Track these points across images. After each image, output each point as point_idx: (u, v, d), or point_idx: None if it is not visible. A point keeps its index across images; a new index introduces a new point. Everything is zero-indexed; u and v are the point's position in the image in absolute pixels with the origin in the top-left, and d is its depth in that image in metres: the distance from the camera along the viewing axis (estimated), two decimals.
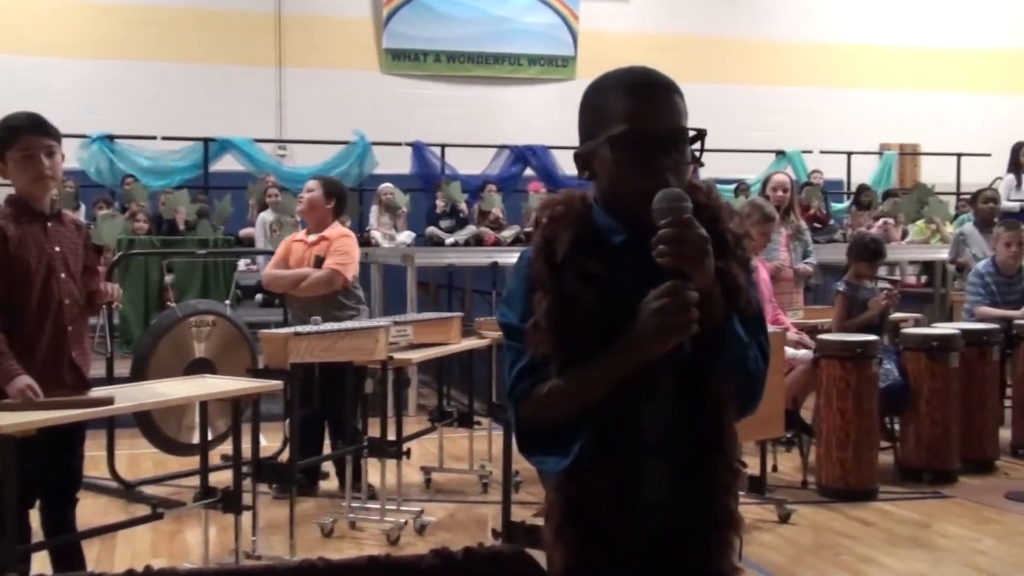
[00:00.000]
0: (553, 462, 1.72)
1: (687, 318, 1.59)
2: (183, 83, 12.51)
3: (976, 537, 4.96)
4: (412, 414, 7.70)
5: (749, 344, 1.73)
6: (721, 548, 1.75)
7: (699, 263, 1.61)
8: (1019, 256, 6.85)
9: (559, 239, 1.73)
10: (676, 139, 1.72)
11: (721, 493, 1.74)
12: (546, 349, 1.71)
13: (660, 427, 1.73)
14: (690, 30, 14.25)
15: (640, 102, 1.72)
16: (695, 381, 1.72)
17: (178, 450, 5.67)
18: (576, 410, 1.70)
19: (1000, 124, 13.99)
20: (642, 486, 1.72)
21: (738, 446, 1.81)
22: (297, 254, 5.68)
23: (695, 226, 1.61)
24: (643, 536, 1.73)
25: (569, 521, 1.72)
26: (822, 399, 5.68)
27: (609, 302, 1.68)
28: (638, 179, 1.69)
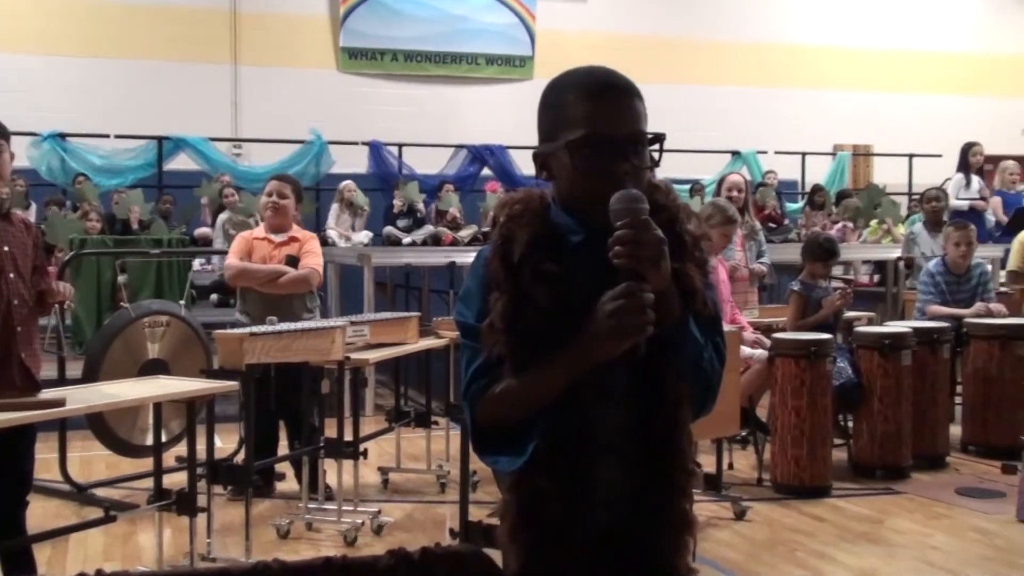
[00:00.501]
0: (507, 461, 1.71)
1: (642, 319, 1.58)
2: (137, 81, 12.36)
3: (927, 532, 5.03)
4: (369, 414, 7.68)
5: (705, 345, 1.72)
6: (675, 549, 1.75)
7: (655, 264, 1.60)
8: (968, 255, 6.95)
9: (516, 238, 1.72)
10: (634, 143, 1.71)
11: (675, 494, 1.74)
12: (501, 349, 1.70)
13: (614, 428, 1.73)
14: (646, 30, 14.31)
15: (599, 106, 1.70)
16: (650, 382, 1.71)
17: (131, 452, 5.61)
18: (531, 410, 1.69)
19: (951, 125, 14.21)
20: (596, 487, 1.72)
21: (693, 447, 1.81)
22: (261, 252, 5.61)
23: (651, 227, 1.61)
24: (597, 536, 1.73)
25: (523, 521, 1.71)
26: (777, 397, 5.73)
27: (565, 302, 1.67)
28: (595, 183, 1.68)
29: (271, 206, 5.64)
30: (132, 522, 4.95)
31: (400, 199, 10.19)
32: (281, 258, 5.56)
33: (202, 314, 7.57)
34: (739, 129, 13.77)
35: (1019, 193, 10.01)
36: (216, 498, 4.81)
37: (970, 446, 6.62)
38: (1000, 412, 6.50)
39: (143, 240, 8.84)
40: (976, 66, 15.94)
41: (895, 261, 9.86)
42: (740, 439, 6.56)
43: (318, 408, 5.31)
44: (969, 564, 4.56)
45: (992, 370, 6.52)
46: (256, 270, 5.54)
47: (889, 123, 15.09)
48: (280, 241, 5.62)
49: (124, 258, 6.84)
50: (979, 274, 7.00)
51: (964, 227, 7.07)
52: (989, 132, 14.15)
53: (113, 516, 4.02)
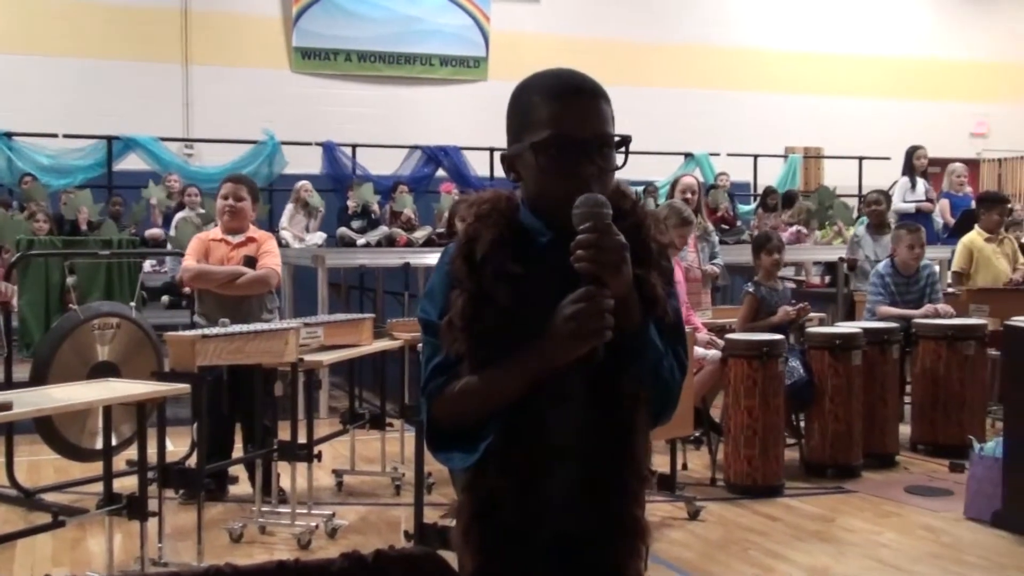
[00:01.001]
0: (459, 459, 1.72)
1: (601, 324, 1.58)
2: (86, 79, 12.18)
3: (878, 530, 5.09)
4: (323, 416, 7.64)
5: (665, 353, 1.73)
6: (627, 555, 1.75)
7: (616, 269, 1.60)
8: (920, 257, 7.06)
9: (481, 238, 1.72)
10: (600, 145, 1.71)
11: (628, 500, 1.74)
12: (460, 348, 1.70)
13: (569, 431, 1.73)
14: (599, 32, 14.36)
15: (565, 107, 1.71)
16: (607, 387, 1.71)
17: (81, 456, 5.52)
18: (487, 410, 1.69)
19: (900, 129, 14.41)
20: (549, 489, 1.72)
21: (649, 454, 1.81)
22: (218, 254, 5.56)
23: (613, 232, 1.61)
24: (549, 539, 1.73)
25: (476, 522, 1.71)
26: (730, 397, 5.78)
27: (527, 303, 1.67)
28: (561, 184, 1.68)
29: (227, 210, 5.58)
30: (81, 527, 4.88)
31: (354, 200, 10.14)
32: (239, 259, 5.52)
33: (153, 316, 7.48)
34: (692, 131, 13.85)
35: (966, 195, 10.19)
36: (168, 502, 4.76)
37: (919, 445, 6.72)
38: (948, 412, 6.60)
39: (92, 241, 8.72)
40: (924, 70, 16.18)
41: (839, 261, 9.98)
42: (694, 439, 6.60)
43: (271, 410, 5.27)
44: (918, 561, 4.63)
45: (940, 370, 6.62)
46: (214, 272, 5.49)
47: (839, 126, 15.26)
48: (237, 242, 5.57)
49: (73, 259, 6.75)
50: (927, 275, 7.10)
51: (916, 229, 7.18)
52: (937, 135, 14.39)
53: (62, 521, 3.96)
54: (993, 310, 7.10)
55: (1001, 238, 7.92)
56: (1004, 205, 8.24)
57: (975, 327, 6.74)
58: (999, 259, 7.82)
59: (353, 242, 9.74)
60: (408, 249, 9.41)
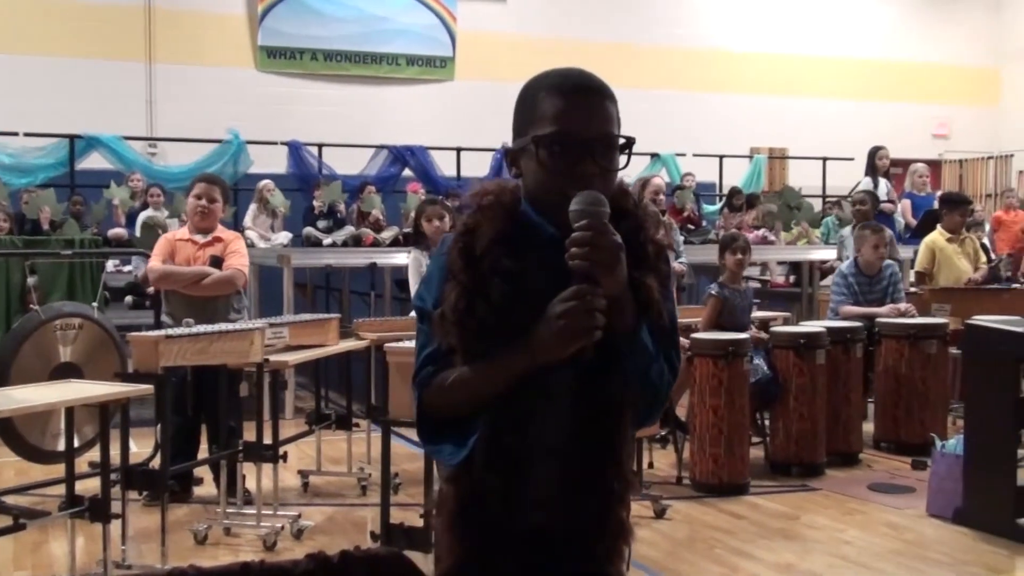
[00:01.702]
0: (449, 453, 1.72)
1: (590, 324, 1.58)
2: (48, 77, 12.03)
3: (841, 528, 5.14)
4: (289, 417, 7.60)
5: (656, 357, 1.72)
6: (609, 556, 1.75)
7: (609, 269, 1.59)
8: (884, 257, 7.13)
9: (480, 231, 1.71)
10: (604, 145, 1.71)
11: (612, 501, 1.73)
12: (451, 340, 1.70)
13: (555, 429, 1.72)
14: (565, 33, 14.37)
15: (570, 104, 1.70)
16: (594, 387, 1.71)
17: (42, 458, 5.47)
18: (475, 403, 1.70)
19: (863, 130, 14.55)
20: (533, 486, 1.72)
21: (633, 456, 1.81)
22: (185, 253, 5.51)
23: (609, 232, 1.60)
24: (532, 536, 1.73)
25: (460, 515, 1.71)
26: (695, 397, 5.81)
27: (521, 298, 1.67)
28: (561, 182, 1.67)
29: (200, 210, 5.53)
30: (43, 530, 4.83)
31: (320, 200, 10.09)
32: (205, 259, 5.48)
33: (116, 316, 7.41)
34: (658, 131, 13.85)
35: (929, 195, 10.29)
36: (131, 504, 4.71)
37: (882, 443, 6.78)
38: (910, 410, 6.67)
39: (54, 241, 8.62)
40: (887, 72, 16.34)
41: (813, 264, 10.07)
42: (660, 438, 6.63)
43: (236, 411, 5.24)
44: (880, 558, 4.67)
45: (902, 369, 6.69)
46: (180, 273, 5.44)
47: (804, 127, 15.38)
48: (204, 242, 5.53)
49: (34, 259, 6.68)
50: (890, 275, 7.16)
51: (880, 229, 7.25)
52: (899, 136, 14.55)
53: (23, 524, 3.92)
54: (954, 309, 7.18)
55: (963, 238, 8.01)
56: (966, 206, 8.33)
57: (937, 326, 6.81)
58: (960, 259, 7.90)
59: (319, 242, 9.69)
60: (375, 249, 9.38)
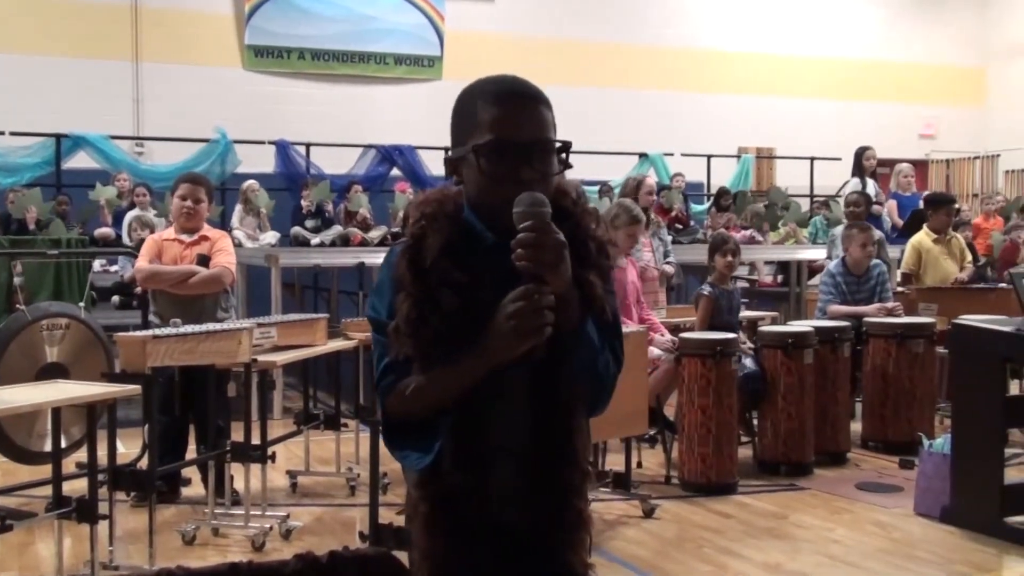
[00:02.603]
0: (415, 459, 1.76)
1: (540, 322, 1.62)
2: (34, 76, 11.98)
3: (829, 527, 5.15)
4: (277, 417, 7.58)
5: (601, 349, 1.77)
6: (570, 547, 1.79)
7: (554, 267, 1.64)
8: (872, 256, 7.16)
9: (428, 242, 1.75)
10: (540, 150, 1.75)
11: (570, 493, 1.78)
12: (407, 351, 1.74)
13: (512, 428, 1.77)
14: (555, 33, 14.38)
15: (506, 112, 1.74)
16: (547, 384, 1.75)
17: (29, 459, 5.45)
18: (435, 408, 1.74)
19: (850, 130, 14.60)
20: (497, 485, 1.76)
21: (589, 447, 1.86)
22: (172, 253, 5.50)
23: (552, 231, 1.64)
24: (498, 533, 1.77)
25: (432, 518, 1.75)
26: (684, 396, 5.81)
27: (471, 304, 1.71)
28: (501, 188, 1.71)
29: (185, 211, 5.52)
30: (30, 531, 4.80)
31: (308, 199, 10.07)
32: (192, 258, 5.47)
33: (103, 316, 7.37)
34: (646, 131, 13.91)
35: (914, 195, 10.32)
36: (119, 505, 4.70)
37: (870, 442, 6.80)
38: (898, 409, 6.69)
39: (40, 240, 8.58)
40: (875, 72, 16.39)
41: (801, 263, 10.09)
42: (648, 438, 6.64)
43: (224, 411, 5.22)
44: (868, 557, 4.68)
45: (890, 368, 6.71)
46: (166, 272, 5.44)
47: (791, 127, 15.42)
48: (191, 241, 5.52)
49: (20, 259, 6.65)
50: (877, 274, 7.19)
51: (868, 229, 7.28)
52: (886, 136, 14.60)
53: (9, 525, 3.89)
54: (941, 309, 7.21)
55: (949, 238, 8.04)
56: (951, 205, 8.36)
57: (924, 326, 6.84)
58: (946, 259, 7.93)
59: (307, 241, 9.67)
60: (363, 249, 9.36)
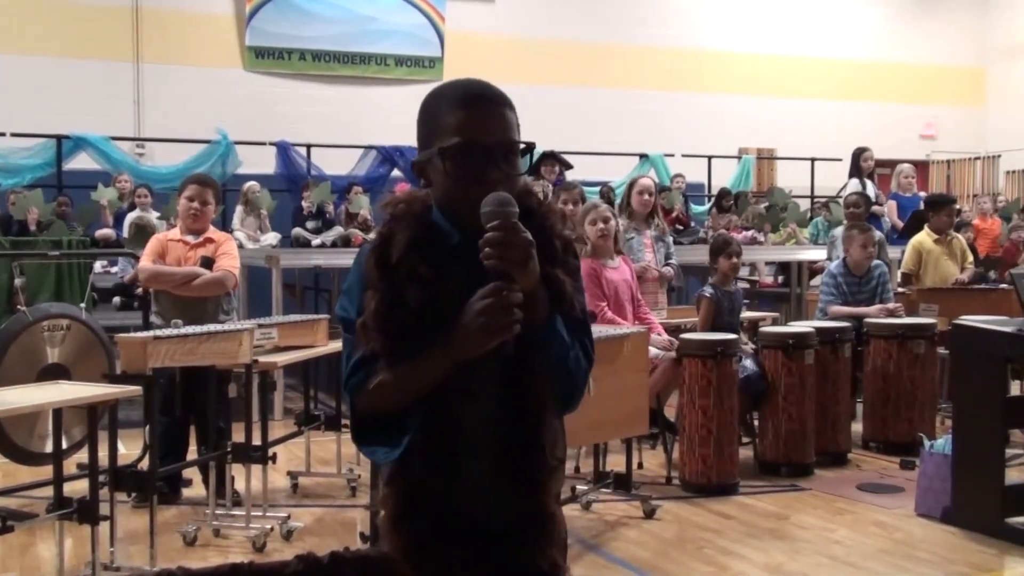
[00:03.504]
0: (383, 453, 1.78)
1: (509, 319, 1.65)
2: (35, 77, 11.98)
3: (831, 527, 5.15)
4: (278, 418, 7.59)
5: (571, 345, 1.79)
6: (538, 544, 1.79)
7: (522, 265, 1.67)
8: (873, 256, 7.16)
9: (395, 240, 1.78)
10: (505, 152, 1.79)
11: (538, 490, 1.79)
12: (375, 347, 1.76)
13: (481, 425, 1.79)
14: (555, 33, 14.38)
15: (471, 115, 1.78)
16: (517, 381, 1.77)
17: (30, 460, 5.45)
18: (403, 404, 1.76)
19: (851, 130, 14.60)
20: (465, 482, 1.78)
21: (561, 445, 1.87)
22: (176, 254, 5.50)
23: (520, 230, 1.67)
24: (467, 531, 1.78)
25: (399, 515, 1.76)
26: (685, 397, 5.81)
27: (438, 302, 1.74)
28: (468, 189, 1.75)
29: (193, 213, 5.51)
30: (31, 532, 4.81)
31: (309, 200, 10.08)
32: (196, 260, 5.47)
33: (104, 317, 7.38)
34: (646, 132, 13.90)
35: (915, 196, 10.31)
36: (120, 506, 4.70)
37: (871, 443, 6.80)
38: (898, 410, 6.69)
39: (41, 241, 8.58)
40: (875, 73, 16.38)
41: (802, 264, 10.08)
42: (649, 438, 6.63)
43: (225, 412, 5.22)
44: (869, 557, 4.68)
45: (891, 369, 6.71)
46: (170, 273, 5.44)
47: (791, 127, 15.41)
48: (195, 243, 5.52)
49: (21, 260, 6.65)
50: (878, 275, 7.19)
51: (868, 229, 7.29)
52: (887, 137, 14.59)
53: (11, 526, 3.89)
54: (942, 309, 7.21)
55: (949, 239, 8.03)
56: (952, 206, 8.36)
57: (925, 326, 6.84)
58: (947, 260, 7.93)
59: (308, 242, 9.68)
60: None
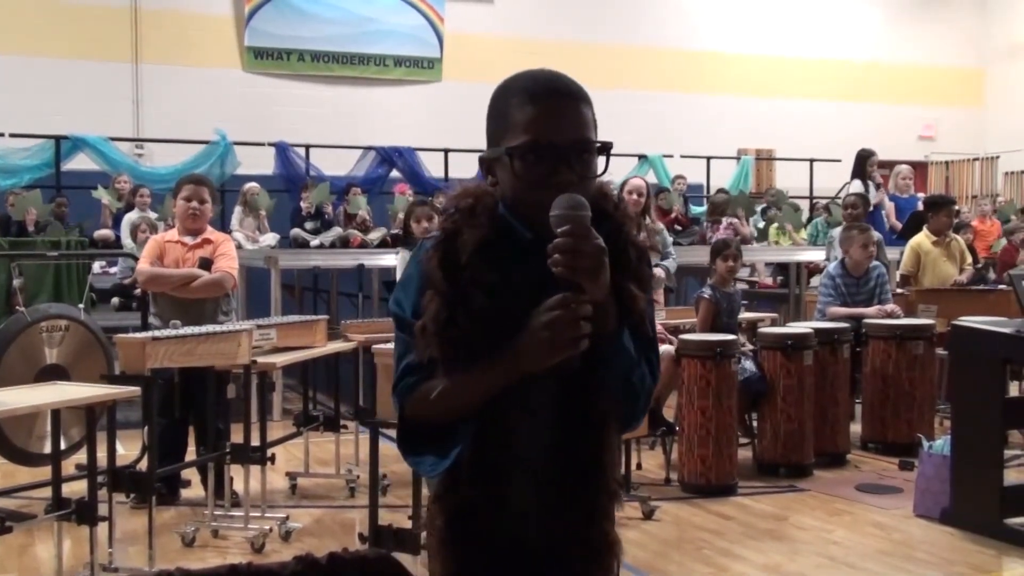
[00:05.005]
0: (430, 464, 1.67)
1: (575, 334, 1.53)
2: (33, 78, 11.98)
3: (829, 528, 5.15)
4: (277, 419, 7.57)
5: (638, 362, 1.68)
6: (595, 570, 1.71)
7: (593, 275, 1.55)
8: (872, 256, 7.16)
9: (461, 238, 1.65)
10: (578, 151, 1.66)
11: (598, 516, 1.69)
12: (432, 352, 1.65)
13: (538, 443, 1.68)
14: (553, 34, 14.39)
15: (541, 112, 1.65)
16: (579, 398, 1.66)
17: (28, 460, 5.44)
18: (457, 414, 1.65)
19: (850, 131, 14.61)
20: (518, 501, 1.68)
21: (618, 465, 1.77)
22: (174, 255, 5.48)
23: (592, 236, 1.55)
24: (520, 551, 1.69)
25: (449, 531, 1.68)
26: (684, 397, 5.81)
27: (503, 307, 1.61)
28: (538, 191, 1.62)
29: (191, 213, 5.50)
30: (29, 533, 4.80)
31: (308, 201, 10.07)
32: (194, 261, 5.46)
33: (103, 318, 7.37)
34: (646, 133, 13.90)
35: (912, 197, 10.31)
36: (118, 506, 4.69)
37: (869, 443, 6.79)
38: (897, 410, 6.69)
39: (40, 242, 8.58)
40: (874, 74, 16.40)
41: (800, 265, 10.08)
42: (649, 438, 6.63)
43: (224, 413, 5.22)
44: (868, 558, 4.68)
45: (889, 369, 6.70)
46: (168, 275, 5.43)
47: (790, 128, 15.43)
48: (193, 244, 5.51)
49: (20, 260, 6.65)
50: (877, 276, 7.18)
51: (867, 229, 7.29)
52: (886, 138, 14.59)
53: (9, 527, 3.89)
54: (941, 310, 7.21)
55: (948, 240, 8.03)
56: (952, 207, 8.36)
57: (924, 327, 6.84)
58: (945, 262, 7.92)
59: (306, 243, 9.67)
60: (362, 250, 9.36)
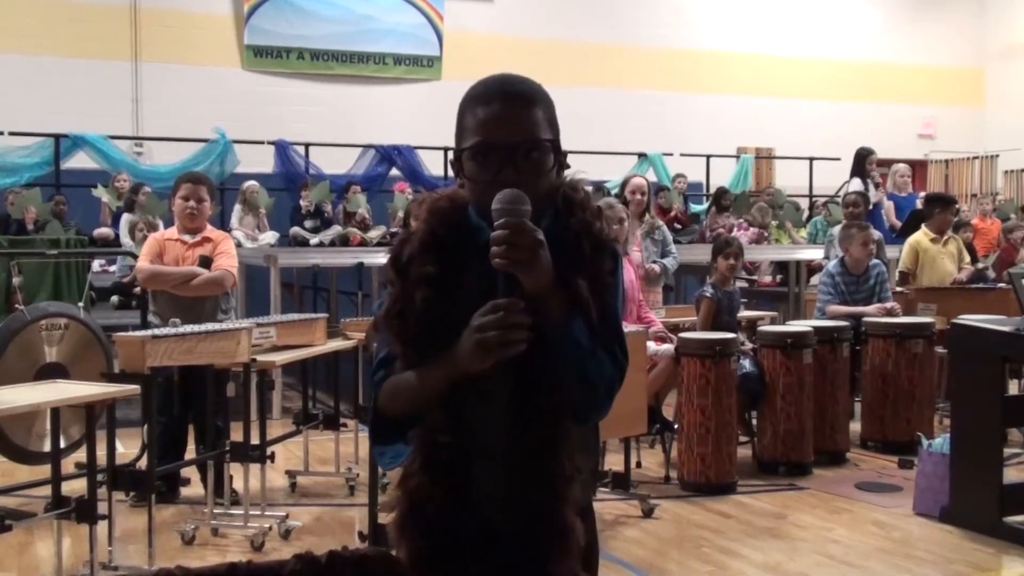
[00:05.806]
0: (389, 457, 1.77)
1: (507, 338, 1.59)
2: (33, 76, 11.97)
3: (829, 527, 5.15)
4: (276, 417, 7.58)
5: (592, 352, 1.69)
6: (553, 554, 1.71)
7: (528, 266, 1.60)
8: (872, 254, 7.17)
9: (412, 238, 1.76)
10: (526, 151, 1.71)
11: (554, 500, 1.70)
12: (391, 346, 1.75)
13: (494, 431, 1.72)
14: (554, 33, 14.39)
15: (488, 115, 1.72)
16: (530, 386, 1.69)
17: (28, 459, 5.44)
18: (417, 406, 1.72)
19: (849, 130, 14.61)
20: (476, 487, 1.72)
21: (586, 454, 1.78)
22: (174, 253, 5.48)
23: (528, 229, 1.60)
24: (479, 536, 1.72)
25: (408, 517, 1.72)
26: (683, 396, 5.81)
27: (453, 303, 1.69)
28: (488, 190, 1.68)
29: (189, 211, 5.49)
30: (29, 531, 4.80)
31: (308, 199, 10.08)
32: (194, 259, 5.46)
33: (102, 316, 7.37)
34: (645, 131, 13.91)
35: (911, 195, 10.32)
36: (118, 505, 4.69)
37: (869, 442, 6.80)
38: (897, 409, 6.70)
39: (39, 240, 8.58)
40: (873, 73, 16.39)
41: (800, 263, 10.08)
42: (649, 436, 6.63)
43: (223, 411, 5.22)
44: (868, 556, 4.69)
45: (889, 368, 6.71)
46: (168, 273, 5.42)
47: (790, 127, 15.43)
48: (193, 242, 5.50)
49: (19, 259, 6.65)
50: (876, 274, 7.19)
51: (866, 227, 7.30)
52: (885, 137, 14.60)
53: (9, 525, 3.89)
54: (940, 309, 7.21)
55: (946, 239, 8.03)
56: (953, 205, 8.37)
57: (923, 326, 6.84)
58: (944, 260, 7.92)
59: (306, 242, 9.68)
60: (362, 249, 9.36)
